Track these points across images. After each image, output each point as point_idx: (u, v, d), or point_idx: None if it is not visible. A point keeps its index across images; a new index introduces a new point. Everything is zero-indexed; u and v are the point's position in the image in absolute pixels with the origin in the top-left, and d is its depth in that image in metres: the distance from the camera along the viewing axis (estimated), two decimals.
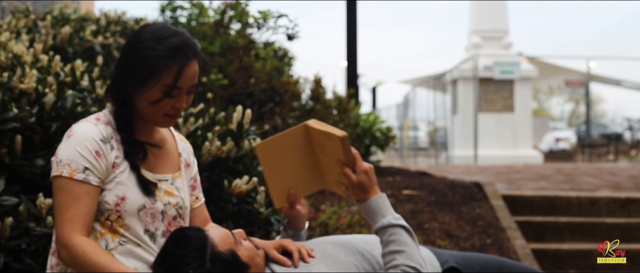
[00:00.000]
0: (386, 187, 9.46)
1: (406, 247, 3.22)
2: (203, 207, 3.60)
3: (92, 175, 3.08)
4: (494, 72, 21.60)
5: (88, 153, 3.08)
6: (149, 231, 3.20)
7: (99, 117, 3.22)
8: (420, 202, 9.06)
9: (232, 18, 9.10)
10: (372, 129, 11.14)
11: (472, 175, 12.50)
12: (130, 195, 3.15)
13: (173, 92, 3.12)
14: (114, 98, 3.24)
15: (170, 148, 3.42)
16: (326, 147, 3.37)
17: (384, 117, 32.27)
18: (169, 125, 3.30)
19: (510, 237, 8.38)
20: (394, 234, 3.25)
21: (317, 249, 3.35)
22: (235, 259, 3.06)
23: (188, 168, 3.49)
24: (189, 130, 5.02)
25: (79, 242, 3.03)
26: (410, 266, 3.18)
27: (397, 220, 3.29)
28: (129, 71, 3.13)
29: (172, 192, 3.30)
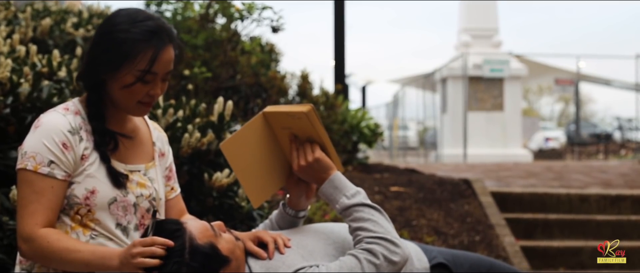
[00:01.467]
0: (373, 184, 9.34)
1: (365, 221, 3.08)
2: (179, 197, 3.44)
3: (57, 169, 2.93)
4: (484, 70, 21.55)
5: (54, 146, 2.93)
6: (121, 225, 3.05)
7: (68, 107, 3.06)
8: (408, 199, 8.95)
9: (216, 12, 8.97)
10: (360, 126, 11.01)
11: (461, 173, 12.38)
12: (100, 188, 2.99)
13: (147, 78, 2.96)
14: (86, 84, 3.08)
15: (143, 138, 3.26)
16: (293, 128, 3.24)
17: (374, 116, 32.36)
18: (143, 113, 3.13)
19: (499, 234, 8.28)
20: (351, 214, 3.13)
21: (295, 239, 3.22)
22: (216, 252, 2.91)
23: (162, 158, 3.33)
24: (168, 121, 4.89)
25: (42, 234, 2.90)
26: (373, 236, 3.03)
27: (351, 200, 3.15)
28: (103, 55, 2.97)
29: (145, 183, 3.14)
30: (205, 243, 2.89)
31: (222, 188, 4.90)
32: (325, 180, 3.20)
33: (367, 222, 3.07)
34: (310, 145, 3.23)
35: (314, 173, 3.22)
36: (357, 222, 3.09)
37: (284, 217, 3.47)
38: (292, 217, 3.45)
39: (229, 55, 8.79)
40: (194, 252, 2.85)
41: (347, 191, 3.18)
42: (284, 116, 3.23)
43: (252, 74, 9.15)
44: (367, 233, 3.05)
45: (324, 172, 3.21)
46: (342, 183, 3.21)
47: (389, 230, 3.08)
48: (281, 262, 3.07)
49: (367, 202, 3.16)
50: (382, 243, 3.02)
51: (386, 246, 3.01)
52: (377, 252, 2.99)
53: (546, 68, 30.23)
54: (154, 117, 4.84)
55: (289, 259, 3.08)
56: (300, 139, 3.27)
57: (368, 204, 3.15)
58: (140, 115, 3.16)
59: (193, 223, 2.96)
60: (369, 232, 3.05)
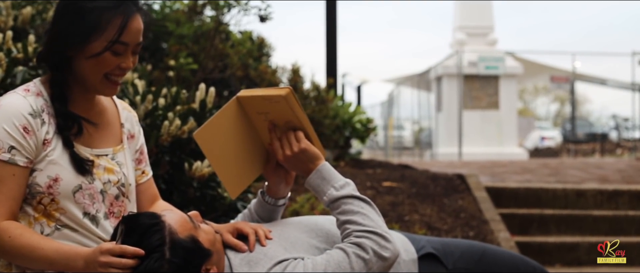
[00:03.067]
0: (366, 179, 9.17)
1: (354, 214, 2.92)
2: (150, 181, 3.25)
3: (18, 155, 2.73)
4: (479, 67, 21.42)
5: (15, 130, 2.73)
6: (89, 214, 2.85)
7: (29, 88, 2.86)
8: (401, 194, 8.78)
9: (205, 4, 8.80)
10: (352, 121, 10.85)
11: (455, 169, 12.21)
12: (63, 175, 2.80)
13: (118, 48, 2.77)
14: (49, 63, 2.87)
15: (110, 119, 3.05)
16: (270, 113, 3.06)
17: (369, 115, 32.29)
18: (111, 92, 2.92)
19: (494, 230, 8.11)
20: (340, 206, 2.96)
21: (276, 231, 3.04)
22: (197, 246, 2.71)
23: (132, 140, 3.13)
24: (147, 108, 4.70)
25: (3, 227, 2.71)
26: (362, 230, 2.87)
27: (339, 191, 2.99)
28: (69, 28, 2.77)
29: (113, 168, 2.94)
30: (186, 236, 2.69)
31: (203, 178, 4.72)
32: (312, 170, 3.04)
33: (356, 215, 2.91)
34: (295, 133, 3.06)
35: (301, 164, 3.06)
36: (346, 214, 2.92)
37: (264, 205, 3.29)
38: (272, 206, 3.28)
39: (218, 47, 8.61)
40: (175, 247, 2.65)
41: (336, 182, 3.01)
42: (260, 100, 3.04)
43: (242, 66, 8.98)
44: (356, 226, 2.88)
45: (311, 162, 3.06)
46: (330, 174, 3.04)
47: (379, 224, 2.91)
48: (263, 254, 2.89)
49: (356, 194, 2.99)
50: (372, 237, 2.85)
51: (376, 240, 2.85)
52: (366, 247, 2.83)
53: (542, 67, 30.11)
54: (132, 105, 4.65)
55: (271, 251, 2.90)
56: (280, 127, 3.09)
57: (357, 196, 2.98)
58: (109, 95, 2.95)
59: (171, 215, 2.75)
60: (358, 226, 2.88)
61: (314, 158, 3.05)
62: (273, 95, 2.98)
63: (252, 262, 2.87)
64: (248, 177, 3.24)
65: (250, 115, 3.11)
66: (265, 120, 3.09)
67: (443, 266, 3.27)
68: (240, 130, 3.12)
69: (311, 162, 3.05)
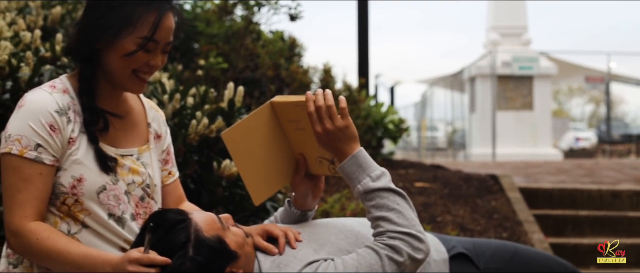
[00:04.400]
0: (398, 180, 9.09)
1: (389, 211, 2.77)
2: (177, 183, 3.19)
3: (45, 153, 2.68)
4: (513, 68, 21.24)
5: (41, 127, 2.67)
6: (115, 215, 2.80)
7: (55, 84, 2.80)
8: (433, 195, 8.70)
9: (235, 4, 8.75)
10: (384, 121, 10.76)
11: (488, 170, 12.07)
12: (87, 175, 2.74)
13: (149, 46, 2.73)
14: (78, 56, 2.82)
15: (137, 119, 3.00)
16: (301, 121, 2.96)
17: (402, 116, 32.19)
18: (139, 89, 2.86)
19: (528, 231, 8.00)
20: (374, 199, 2.81)
21: (306, 232, 2.95)
22: (223, 246, 2.65)
23: (158, 141, 3.08)
24: (175, 107, 4.65)
25: (31, 229, 2.66)
26: (397, 231, 2.74)
27: (376, 182, 2.83)
28: (100, 21, 2.72)
29: (138, 169, 2.89)
30: (212, 236, 2.63)
31: (232, 177, 4.66)
32: (348, 154, 2.87)
33: (392, 212, 2.77)
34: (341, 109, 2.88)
35: (338, 143, 2.86)
36: (380, 210, 2.79)
37: (290, 215, 3.20)
38: (298, 217, 3.19)
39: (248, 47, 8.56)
40: (199, 246, 2.59)
41: (372, 171, 2.85)
42: (292, 107, 2.96)
43: (273, 66, 8.93)
44: (390, 225, 2.76)
45: (349, 143, 2.87)
46: (367, 162, 2.88)
47: (413, 223, 2.78)
48: (292, 256, 2.82)
49: (392, 186, 2.85)
50: (407, 239, 2.73)
51: (411, 242, 2.73)
52: (401, 250, 2.71)
53: (576, 68, 29.83)
54: (160, 104, 4.60)
55: (301, 253, 2.82)
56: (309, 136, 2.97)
57: (393, 189, 2.83)
58: (136, 92, 2.89)
59: (199, 214, 2.70)
60: (393, 225, 2.76)
61: (352, 140, 2.88)
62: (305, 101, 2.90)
63: (282, 264, 2.80)
64: (274, 185, 3.17)
65: (282, 122, 3.04)
66: (297, 128, 3.01)
67: (474, 266, 3.19)
68: (271, 136, 3.04)
69: (348, 144, 2.87)
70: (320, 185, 3.15)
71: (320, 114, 2.85)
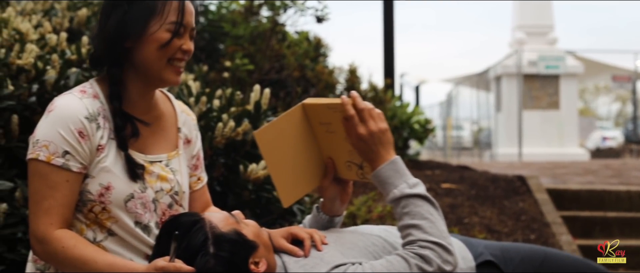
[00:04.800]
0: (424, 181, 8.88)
1: (422, 219, 2.72)
2: (204, 189, 3.15)
3: (73, 160, 2.65)
4: (539, 67, 21.11)
5: (70, 134, 2.64)
6: (141, 223, 2.77)
7: (85, 89, 2.76)
8: (460, 196, 8.63)
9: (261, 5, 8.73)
10: (410, 121, 10.71)
11: (515, 170, 11.99)
12: (116, 183, 2.71)
13: (180, 30, 2.71)
14: (107, 59, 2.76)
15: (167, 124, 2.96)
16: (332, 124, 2.92)
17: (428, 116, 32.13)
18: (176, 79, 2.81)
19: (556, 233, 7.92)
20: (408, 206, 2.74)
21: (332, 236, 2.91)
22: (242, 238, 2.63)
23: (188, 146, 3.04)
24: (201, 110, 4.62)
25: (57, 236, 2.63)
26: (428, 241, 2.68)
27: (412, 189, 2.77)
28: (125, 17, 2.69)
29: (166, 176, 2.85)
30: (229, 230, 2.62)
31: (258, 180, 4.63)
32: (387, 159, 2.82)
33: (424, 221, 2.71)
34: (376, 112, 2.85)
35: (374, 147, 2.82)
36: (413, 217, 2.73)
37: (318, 220, 3.16)
38: (326, 223, 3.15)
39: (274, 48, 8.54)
40: (219, 241, 2.57)
41: (409, 178, 2.81)
42: (323, 109, 2.92)
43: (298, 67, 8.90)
44: (422, 234, 2.70)
45: (386, 148, 2.83)
46: (404, 169, 2.84)
47: (444, 234, 2.73)
48: (319, 258, 2.77)
49: (427, 195, 2.79)
50: (437, 249, 2.68)
51: (440, 254, 2.68)
52: (431, 260, 2.66)
53: (603, 66, 29.59)
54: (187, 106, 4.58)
55: (328, 256, 2.78)
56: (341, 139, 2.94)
57: (428, 198, 2.78)
58: (174, 82, 2.82)
59: (211, 213, 2.70)
60: (425, 234, 2.70)
61: (389, 145, 2.85)
62: (338, 104, 2.86)
63: (309, 266, 2.75)
64: (303, 188, 3.13)
65: (312, 124, 3.01)
66: (327, 131, 2.98)
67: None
68: (301, 138, 3.01)
69: (385, 149, 2.83)
70: (348, 189, 3.11)
71: (364, 116, 2.81)
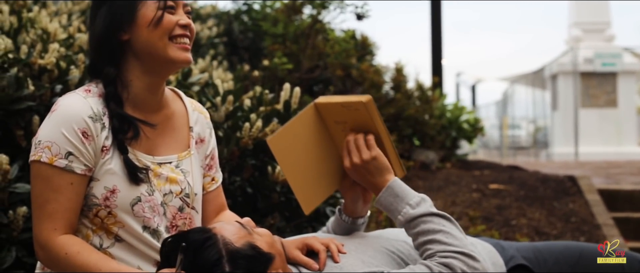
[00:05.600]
0: (472, 181, 8.85)
1: (436, 233, 2.62)
2: (219, 190, 3.04)
3: (76, 162, 2.55)
4: (595, 64, 20.72)
5: (73, 135, 2.54)
6: (150, 228, 2.66)
7: (90, 88, 2.67)
8: (508, 197, 8.43)
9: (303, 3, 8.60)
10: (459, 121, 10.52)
11: (568, 170, 11.71)
12: (121, 186, 2.61)
13: (169, 4, 2.65)
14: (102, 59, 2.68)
15: (178, 124, 2.86)
16: (348, 123, 2.80)
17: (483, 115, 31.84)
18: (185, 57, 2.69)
19: (607, 235, 7.67)
20: (418, 225, 2.67)
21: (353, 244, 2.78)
22: (257, 251, 2.47)
23: (201, 145, 2.93)
24: (228, 109, 4.48)
25: (60, 243, 2.53)
26: (449, 251, 2.57)
27: (416, 210, 2.69)
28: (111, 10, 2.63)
29: (176, 177, 2.74)
30: (243, 244, 2.45)
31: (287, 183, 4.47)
32: (382, 186, 2.76)
33: (439, 234, 2.61)
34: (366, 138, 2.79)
35: (369, 176, 2.79)
36: (426, 234, 2.63)
37: (341, 223, 3.04)
38: (350, 225, 3.01)
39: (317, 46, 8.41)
40: (234, 258, 2.41)
41: (410, 199, 2.72)
42: (338, 108, 2.80)
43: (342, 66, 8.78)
44: (440, 246, 2.59)
45: (381, 175, 2.77)
46: (403, 190, 2.75)
47: (464, 243, 2.61)
48: (338, 269, 2.65)
49: (434, 210, 2.69)
50: (460, 257, 2.56)
51: (465, 261, 2.56)
52: (456, 268, 2.54)
53: None
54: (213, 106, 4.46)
55: (348, 265, 2.66)
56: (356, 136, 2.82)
57: (436, 213, 2.68)
58: (183, 58, 2.70)
59: (222, 225, 2.53)
60: (443, 245, 2.59)
61: (384, 171, 2.78)
62: (352, 102, 2.74)
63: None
64: (323, 191, 3.01)
65: (328, 124, 2.89)
66: (343, 130, 2.85)
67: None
68: (317, 139, 2.90)
69: (380, 175, 2.78)
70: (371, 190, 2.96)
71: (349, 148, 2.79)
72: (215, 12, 8.84)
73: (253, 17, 9.19)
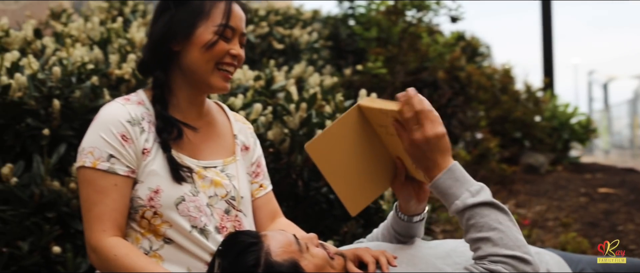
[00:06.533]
0: (580, 185, 8.62)
1: (490, 231, 2.48)
2: (269, 196, 3.08)
3: (118, 164, 2.64)
4: None
5: (113, 138, 2.64)
6: (197, 227, 2.71)
7: (129, 97, 2.79)
8: (617, 202, 8.16)
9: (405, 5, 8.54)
10: (570, 122, 10.27)
11: None
12: (164, 186, 2.67)
13: (227, 33, 2.70)
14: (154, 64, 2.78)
15: (221, 131, 2.94)
16: (389, 127, 2.70)
17: (615, 114, 31.03)
18: (224, 86, 2.77)
19: None
20: (473, 217, 2.51)
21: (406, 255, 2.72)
22: (296, 270, 2.45)
23: (246, 152, 3.00)
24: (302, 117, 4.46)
25: (109, 244, 2.60)
26: (500, 255, 2.45)
27: (476, 197, 2.53)
28: (173, 19, 2.71)
29: (221, 181, 2.80)
30: (284, 260, 2.44)
31: None
32: (441, 167, 2.57)
33: (493, 232, 2.48)
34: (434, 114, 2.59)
35: (430, 154, 2.57)
36: (480, 230, 2.50)
37: (398, 222, 2.98)
38: (406, 222, 2.95)
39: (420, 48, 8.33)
40: (269, 270, 2.40)
41: (471, 185, 2.57)
42: (377, 113, 2.73)
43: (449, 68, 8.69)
44: (492, 248, 2.47)
45: (442, 154, 2.58)
46: (464, 176, 2.59)
47: (518, 243, 2.48)
48: None
49: (494, 201, 2.54)
50: (511, 262, 2.45)
51: (516, 266, 2.45)
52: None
53: None
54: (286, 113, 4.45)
55: None
56: None
57: (495, 204, 2.54)
58: (221, 88, 2.78)
59: (274, 235, 2.52)
60: (495, 247, 2.47)
61: (447, 152, 2.59)
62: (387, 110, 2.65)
63: None
64: (371, 192, 2.95)
65: (373, 126, 2.82)
66: (387, 134, 2.77)
67: None
68: (362, 141, 2.82)
69: (443, 156, 2.58)
70: (425, 187, 2.87)
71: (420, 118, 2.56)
72: (319, 17, 8.85)
73: (359, 20, 9.18)
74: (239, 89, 4.73)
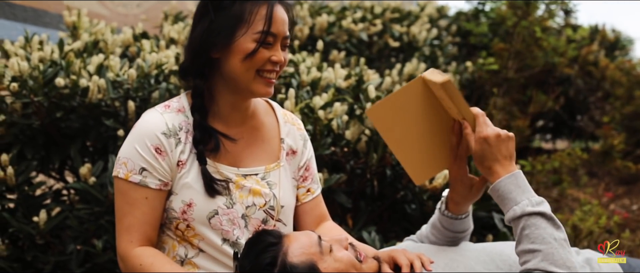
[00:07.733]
0: None
1: (543, 244, 2.45)
2: (317, 201, 3.04)
3: (150, 177, 2.66)
4: None
5: (146, 151, 2.65)
6: (229, 240, 2.72)
7: (170, 104, 2.77)
8: None
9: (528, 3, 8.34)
10: None
11: None
12: (197, 200, 2.68)
13: (268, 39, 2.63)
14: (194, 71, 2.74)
15: (267, 135, 2.89)
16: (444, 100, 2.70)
17: None
18: (267, 92, 2.72)
19: None
20: (528, 227, 2.48)
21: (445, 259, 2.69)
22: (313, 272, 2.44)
23: (293, 157, 2.95)
24: None
25: (136, 254, 2.65)
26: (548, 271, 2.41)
27: (535, 207, 2.50)
28: (212, 25, 2.65)
29: (260, 190, 2.77)
30: (301, 262, 2.44)
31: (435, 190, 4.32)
32: (507, 171, 2.59)
33: (546, 246, 2.46)
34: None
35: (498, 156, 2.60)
36: (533, 242, 2.47)
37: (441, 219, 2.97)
38: (448, 219, 2.92)
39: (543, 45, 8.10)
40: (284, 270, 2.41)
41: (532, 195, 2.56)
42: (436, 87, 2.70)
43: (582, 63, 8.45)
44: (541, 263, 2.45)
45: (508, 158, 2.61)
46: (526, 184, 2.59)
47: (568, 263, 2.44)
48: None
49: (552, 215, 2.52)
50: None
51: None
52: None
53: None
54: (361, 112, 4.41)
55: None
56: None
57: (552, 218, 2.52)
58: (263, 94, 2.73)
59: (297, 237, 2.52)
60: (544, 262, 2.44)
61: (512, 157, 2.61)
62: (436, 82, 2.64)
63: None
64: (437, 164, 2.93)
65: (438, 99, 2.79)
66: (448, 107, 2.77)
67: None
68: (426, 111, 2.80)
69: (507, 159, 2.61)
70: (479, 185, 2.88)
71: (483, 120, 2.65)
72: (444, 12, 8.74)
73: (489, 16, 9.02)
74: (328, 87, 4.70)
